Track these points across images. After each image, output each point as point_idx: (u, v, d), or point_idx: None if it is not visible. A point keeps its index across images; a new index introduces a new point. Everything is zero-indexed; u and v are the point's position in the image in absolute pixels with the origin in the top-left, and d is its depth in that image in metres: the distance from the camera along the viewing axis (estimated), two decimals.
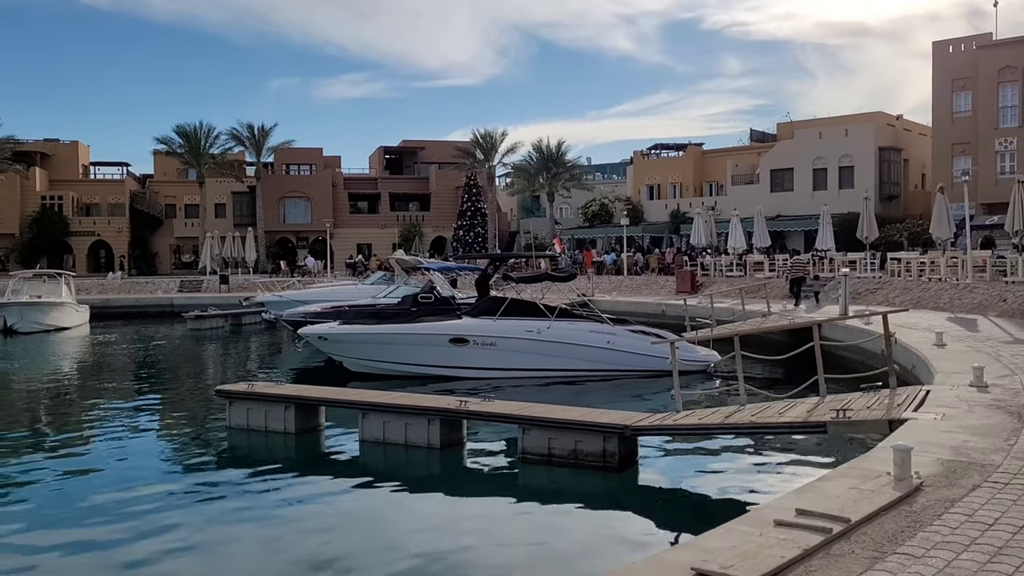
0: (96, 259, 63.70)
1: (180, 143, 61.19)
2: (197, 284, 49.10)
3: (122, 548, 7.82)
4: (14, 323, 32.48)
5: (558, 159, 60.87)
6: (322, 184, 66.60)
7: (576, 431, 10.34)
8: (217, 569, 7.24)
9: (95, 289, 45.88)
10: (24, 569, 7.32)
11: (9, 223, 60.10)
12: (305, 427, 12.46)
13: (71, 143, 67.58)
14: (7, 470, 11.11)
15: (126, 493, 9.67)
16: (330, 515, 9.03)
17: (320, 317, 22.99)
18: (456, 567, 7.39)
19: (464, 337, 18.34)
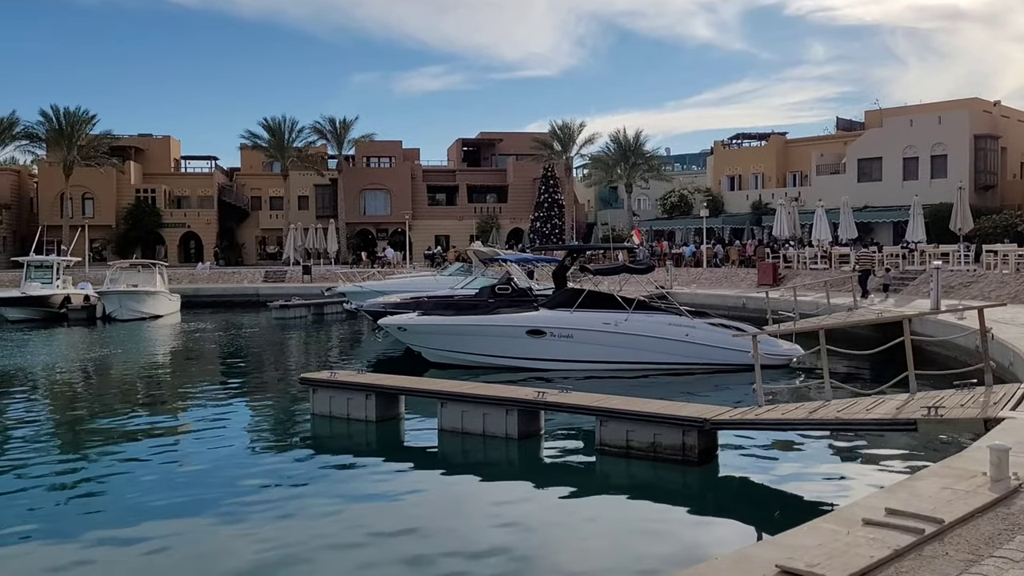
0: (186, 250, 66.10)
1: (265, 137, 62.86)
2: (281, 274, 50.45)
3: (208, 530, 8.11)
4: (113, 311, 34.07)
5: (636, 150, 60.22)
6: (401, 176, 67.53)
7: (655, 424, 10.25)
8: (298, 553, 7.42)
9: (185, 279, 47.62)
10: (116, 548, 7.63)
11: (106, 215, 62.86)
12: (385, 415, 12.68)
13: (163, 138, 70.22)
14: (104, 452, 11.65)
15: (214, 476, 10.04)
16: (408, 503, 9.17)
17: (399, 308, 23.33)
18: (532, 558, 7.41)
19: (541, 329, 18.37)
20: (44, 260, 37.68)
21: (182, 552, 7.61)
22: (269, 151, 64.20)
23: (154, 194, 65.02)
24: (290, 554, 7.35)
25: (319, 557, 7.31)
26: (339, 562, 7.24)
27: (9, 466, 10.85)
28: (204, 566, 7.25)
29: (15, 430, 13.43)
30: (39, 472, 10.50)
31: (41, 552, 7.56)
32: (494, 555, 7.40)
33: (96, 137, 59.90)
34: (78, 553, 7.51)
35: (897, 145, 48.81)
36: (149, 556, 7.46)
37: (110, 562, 7.34)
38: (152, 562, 7.34)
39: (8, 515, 8.66)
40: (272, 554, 7.37)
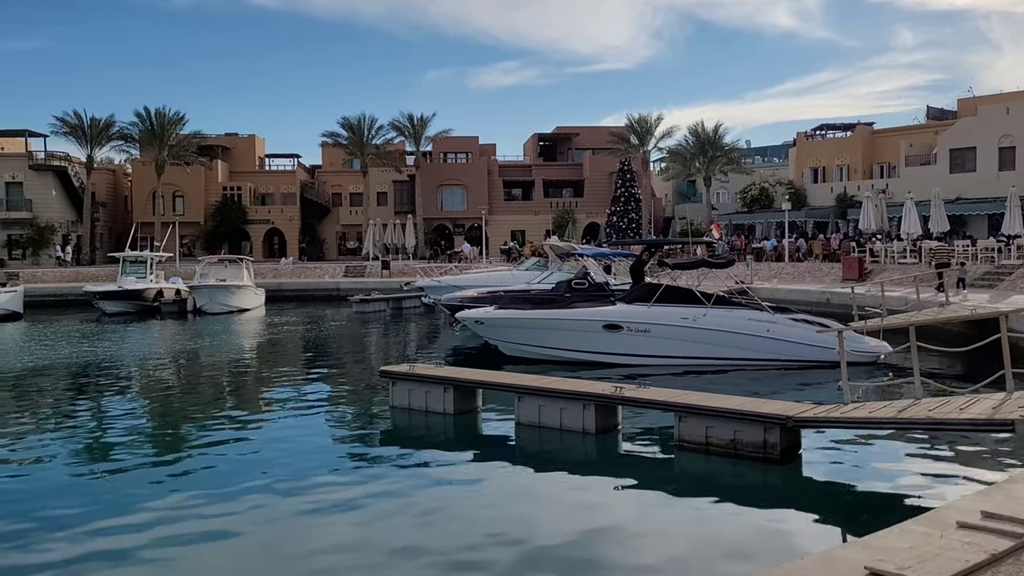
0: (270, 245, 67.99)
1: (345, 135, 64.12)
2: (361, 269, 51.42)
3: (287, 519, 8.28)
4: (203, 304, 35.35)
5: (715, 142, 59.17)
6: (478, 172, 67.96)
7: (735, 420, 10.08)
8: (375, 543, 7.55)
9: (269, 273, 48.99)
10: (194, 533, 7.85)
11: (195, 212, 65.14)
12: (463, 408, 12.81)
13: (248, 137, 72.38)
14: (191, 439, 12.11)
15: (296, 466, 10.25)
16: (486, 495, 9.25)
17: (476, 302, 23.51)
18: (611, 554, 7.38)
19: (618, 323, 18.25)
20: (139, 256, 39.36)
21: (261, 539, 7.80)
22: (349, 148, 65.47)
23: (240, 191, 67.05)
24: (367, 543, 7.49)
25: (396, 548, 7.42)
26: (416, 553, 7.33)
27: (102, 450, 11.38)
28: (283, 554, 7.40)
29: (112, 416, 14.10)
30: (131, 456, 10.98)
31: (123, 534, 7.81)
32: (572, 549, 7.41)
33: (185, 137, 62.11)
34: (155, 535, 7.76)
35: (993, 134, 46.69)
36: (229, 541, 7.68)
37: (187, 547, 7.52)
38: (230, 548, 7.54)
39: (95, 495, 9.12)
40: (350, 543, 7.53)
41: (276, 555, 7.40)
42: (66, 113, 59.59)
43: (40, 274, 48.70)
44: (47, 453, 11.28)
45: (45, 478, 9.98)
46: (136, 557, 7.25)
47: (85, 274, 48.69)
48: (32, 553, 7.32)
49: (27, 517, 8.29)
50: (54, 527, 8.02)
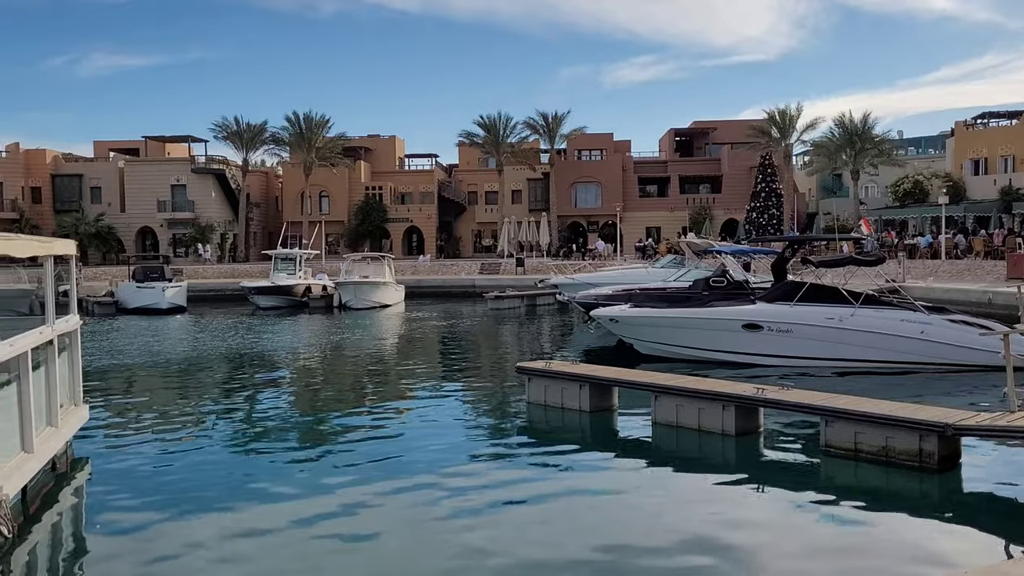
0: (409, 243, 70.06)
1: (481, 134, 65.21)
2: (496, 266, 52.14)
3: (423, 511, 8.40)
4: (348, 300, 36.93)
5: (864, 134, 56.27)
6: (612, 169, 67.54)
7: (887, 426, 9.57)
8: (509, 540, 7.60)
9: (408, 270, 50.48)
10: (336, 522, 8.09)
11: (339, 211, 67.99)
12: (599, 406, 12.78)
13: (389, 138, 74.89)
14: (333, 428, 12.65)
15: (433, 457, 10.46)
16: (622, 495, 9.17)
17: (611, 299, 23.37)
18: (753, 560, 7.16)
19: (758, 323, 17.70)
20: (289, 253, 41.53)
21: (395, 531, 7.89)
22: (484, 147, 66.54)
23: (381, 191, 69.44)
24: (500, 539, 7.52)
25: (531, 545, 7.42)
26: (551, 551, 7.34)
27: (253, 437, 12.08)
28: (416, 546, 7.48)
29: (263, 404, 14.96)
30: (278, 443, 11.61)
31: (257, 518, 8.17)
32: (711, 555, 7.25)
33: (331, 139, 64.96)
34: (293, 522, 8.04)
35: None
36: (361, 532, 7.83)
37: (322, 538, 7.71)
38: (363, 539, 7.67)
39: (243, 479, 9.65)
40: (483, 538, 7.55)
41: (410, 547, 7.51)
42: (224, 119, 63.60)
43: (201, 270, 52.20)
44: (205, 437, 12.10)
45: (201, 460, 10.66)
46: (271, 545, 7.53)
47: (240, 271, 51.84)
48: (183, 532, 7.83)
49: (182, 496, 8.88)
50: (204, 507, 8.53)
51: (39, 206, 63.40)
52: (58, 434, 9.16)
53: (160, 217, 63.43)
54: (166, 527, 7.90)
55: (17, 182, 62.78)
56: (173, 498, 8.76)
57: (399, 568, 6.95)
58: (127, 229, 63.61)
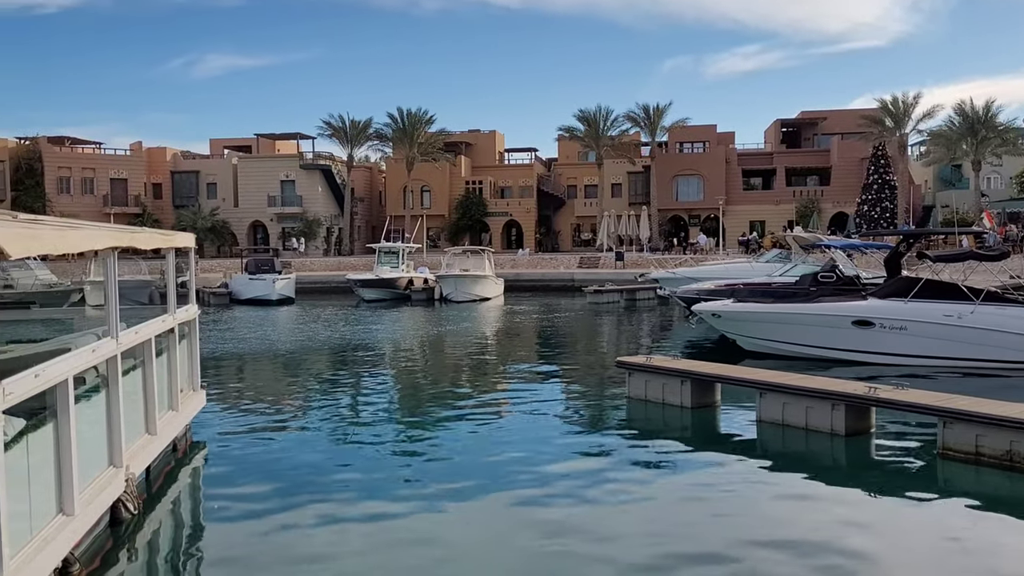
0: (508, 237, 70.52)
1: (581, 128, 64.98)
2: (595, 260, 51.91)
3: (517, 504, 8.35)
4: (449, 293, 37.53)
5: (986, 122, 53.27)
6: (715, 161, 66.18)
7: (1012, 429, 9.03)
8: (605, 536, 7.52)
9: (507, 264, 50.83)
10: (430, 517, 8.12)
11: (440, 206, 69.06)
12: (701, 402, 12.55)
13: (490, 133, 75.54)
14: (431, 419, 12.84)
15: (530, 451, 10.40)
16: (725, 492, 8.96)
17: (713, 294, 22.91)
18: (862, 568, 6.88)
19: (869, 320, 17.01)
20: (392, 247, 42.51)
21: (491, 527, 7.86)
22: (584, 141, 66.30)
23: (481, 185, 70.14)
24: (600, 538, 7.42)
25: (630, 545, 7.30)
26: (652, 551, 7.21)
27: (355, 424, 12.40)
28: (511, 544, 7.40)
29: (366, 392, 15.36)
30: (378, 430, 11.88)
31: (356, 506, 8.30)
32: (823, 557, 7.00)
33: (433, 135, 66.04)
34: (382, 512, 8.13)
35: None
36: (454, 522, 7.84)
37: (417, 529, 7.76)
38: (455, 530, 7.68)
39: (334, 464, 9.92)
40: (580, 534, 7.44)
41: (504, 543, 7.44)
42: (331, 116, 65.60)
43: (308, 263, 53.97)
44: (311, 424, 12.50)
45: (307, 447, 10.99)
46: (366, 533, 7.65)
47: (345, 263, 53.35)
48: (289, 516, 8.09)
49: (289, 481, 9.17)
50: (308, 492, 8.76)
51: (159, 201, 66.88)
52: (178, 418, 9.63)
53: (270, 211, 65.90)
54: (274, 510, 8.18)
55: (140, 179, 66.39)
56: (281, 482, 9.07)
57: (494, 564, 6.91)
58: (240, 223, 66.37)
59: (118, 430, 7.22)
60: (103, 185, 64.67)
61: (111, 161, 66.20)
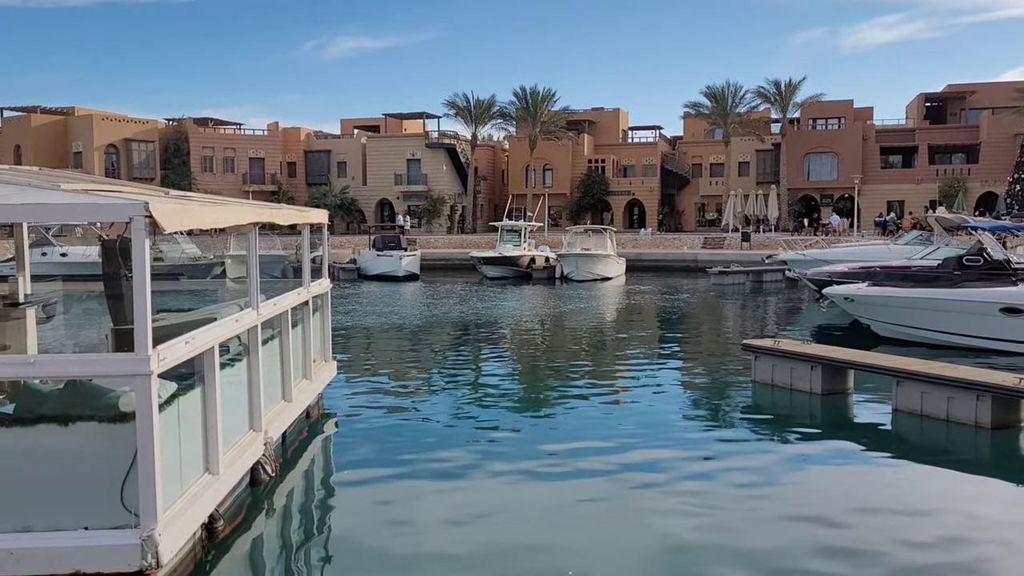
0: (631, 216, 69.76)
1: (707, 105, 63.33)
2: (719, 241, 50.71)
3: (637, 491, 8.22)
4: (570, 272, 37.57)
5: None
6: (851, 138, 63.12)
7: None
8: (730, 525, 7.35)
9: (629, 244, 50.34)
10: (543, 496, 8.15)
11: (562, 184, 69.00)
12: (832, 389, 12.08)
13: (613, 111, 74.73)
14: (554, 396, 12.90)
15: (649, 434, 10.25)
16: (861, 484, 8.60)
17: (846, 277, 21.95)
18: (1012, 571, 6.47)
19: (1020, 307, 15.88)
20: (514, 225, 42.86)
21: (607, 511, 7.76)
22: (711, 118, 64.63)
23: (603, 164, 69.58)
24: (721, 528, 7.23)
25: (754, 536, 7.08)
26: (776, 543, 6.99)
27: (475, 399, 12.61)
28: (627, 530, 7.23)
29: (486, 368, 15.58)
30: (497, 406, 12.03)
31: (472, 481, 8.43)
32: (965, 555, 6.63)
33: (556, 113, 65.95)
34: (497, 489, 8.24)
35: None
36: (572, 510, 7.72)
37: (528, 507, 7.81)
38: (573, 517, 7.57)
39: (455, 437, 10.09)
40: (699, 526, 7.26)
41: (619, 528, 7.33)
42: (455, 95, 66.44)
43: (432, 240, 55.17)
44: (434, 396, 12.83)
45: (429, 419, 11.26)
46: (482, 508, 7.77)
47: (468, 241, 54.22)
48: (412, 486, 8.31)
49: (412, 451, 9.42)
50: (429, 463, 9.00)
51: (293, 179, 69.77)
52: (311, 387, 10.07)
53: (397, 190, 67.63)
54: (397, 479, 8.43)
55: (276, 158, 69.44)
56: (404, 453, 9.33)
57: (609, 551, 6.82)
58: (368, 201, 68.46)
59: (258, 396, 7.61)
60: (243, 164, 68.00)
61: (250, 141, 69.48)
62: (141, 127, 66.57)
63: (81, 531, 5.17)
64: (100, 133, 63.76)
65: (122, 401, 5.44)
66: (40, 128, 63.62)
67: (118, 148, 64.83)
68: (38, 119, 64.14)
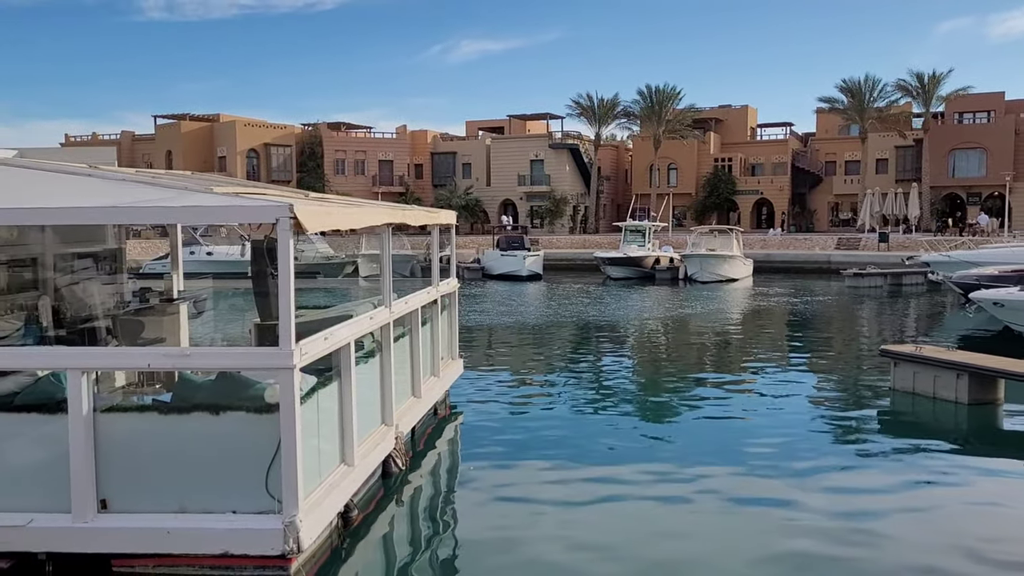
0: (758, 215, 67.75)
1: (842, 100, 60.74)
2: (855, 242, 48.58)
3: (763, 505, 7.87)
4: (694, 273, 36.90)
5: None
6: (1001, 132, 59.05)
7: None
8: (865, 543, 7.01)
9: (757, 244, 48.90)
10: (658, 503, 7.95)
11: (687, 184, 67.77)
12: (980, 399, 11.36)
13: (741, 107, 72.77)
14: (676, 401, 12.68)
15: (778, 444, 9.81)
16: (1006, 503, 8.05)
17: (996, 281, 20.60)
18: None
19: None
20: (638, 225, 42.48)
21: (729, 520, 7.53)
22: (846, 113, 61.95)
23: (730, 162, 67.89)
24: (854, 542, 6.92)
25: (888, 554, 6.71)
26: (914, 561, 6.63)
27: (595, 400, 12.55)
28: (753, 540, 7.00)
29: (607, 370, 15.49)
30: (616, 408, 11.94)
31: (589, 485, 8.33)
32: None
33: (681, 111, 64.83)
34: (618, 492, 8.09)
35: None
36: (694, 513, 7.61)
37: (648, 511, 7.69)
38: (694, 522, 7.41)
39: (575, 437, 10.06)
40: (832, 541, 6.90)
41: (746, 538, 7.06)
42: (579, 95, 66.36)
43: (555, 240, 55.35)
44: (555, 396, 12.84)
45: (551, 418, 11.30)
46: (597, 509, 7.72)
47: (591, 241, 54.09)
48: (536, 484, 8.36)
49: (535, 450, 9.49)
50: (551, 462, 9.02)
51: (420, 181, 71.54)
52: (439, 383, 10.31)
53: (520, 190, 68.22)
54: (521, 478, 8.52)
55: (404, 160, 71.40)
56: (528, 452, 9.43)
57: (732, 564, 6.53)
58: (491, 201, 69.36)
59: (389, 391, 7.87)
60: (372, 166, 70.28)
61: (379, 144, 71.73)
62: (279, 132, 69.90)
63: (229, 514, 5.49)
64: (242, 138, 67.38)
65: (267, 393, 5.74)
66: (189, 134, 67.86)
67: (258, 152, 68.31)
68: (187, 126, 68.43)
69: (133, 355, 6.30)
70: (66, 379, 5.43)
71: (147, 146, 70.25)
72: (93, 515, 5.43)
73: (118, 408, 5.82)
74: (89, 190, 6.11)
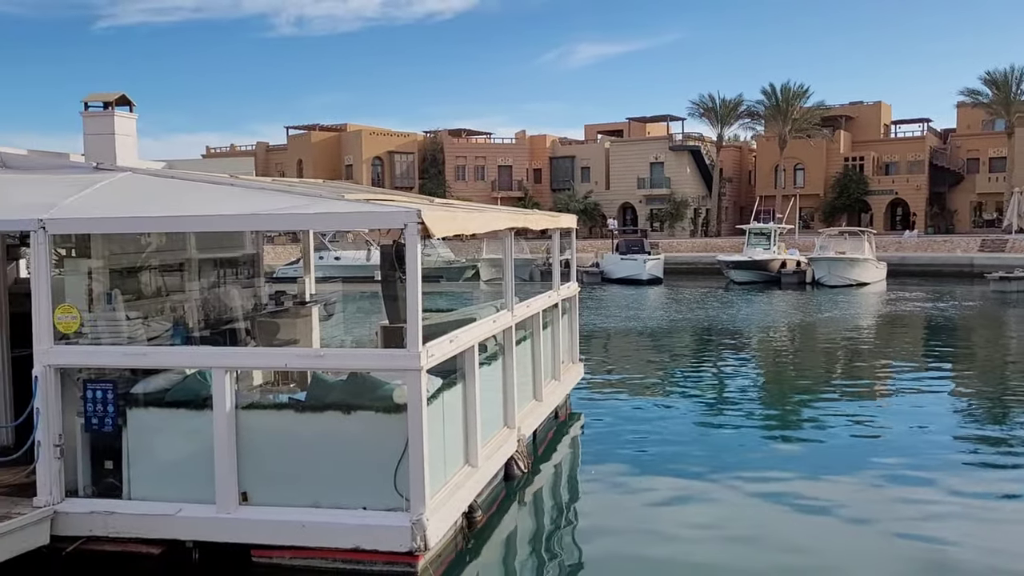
0: (893, 216, 64.57)
1: (987, 93, 57.16)
2: (1001, 243, 45.61)
3: (898, 518, 7.49)
4: (821, 276, 35.56)
5: None
6: None
7: None
8: (995, 551, 6.53)
9: (891, 247, 46.62)
10: (796, 515, 7.60)
11: (815, 184, 65.32)
12: None
13: (873, 104, 69.56)
14: (801, 410, 12.18)
15: (914, 460, 9.20)
16: None
17: None
18: None
19: None
20: (763, 228, 41.26)
21: (857, 537, 7.16)
22: (991, 107, 58.25)
23: (862, 161, 65.02)
24: (995, 569, 6.45)
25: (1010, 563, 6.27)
26: None
27: (716, 406, 12.25)
28: (883, 561, 6.59)
29: (730, 376, 15.11)
30: (740, 416, 11.60)
31: (709, 494, 8.08)
32: None
33: (808, 110, 62.58)
34: (740, 502, 7.87)
35: None
36: (816, 523, 7.33)
37: (770, 522, 7.42)
38: (817, 530, 7.17)
39: (696, 443, 9.86)
40: (973, 567, 6.44)
41: (875, 557, 6.66)
42: (701, 96, 65.24)
43: (675, 244, 54.49)
44: (676, 402, 12.64)
45: (672, 423, 11.11)
46: (717, 517, 7.48)
47: (713, 244, 52.95)
48: (657, 489, 8.22)
49: (655, 454, 9.35)
50: (671, 467, 8.88)
51: (538, 185, 71.95)
52: (560, 387, 10.33)
53: (639, 193, 67.54)
54: (641, 484, 8.42)
55: (523, 165, 72.01)
56: (648, 458, 9.34)
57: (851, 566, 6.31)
58: (610, 205, 68.97)
59: (512, 394, 7.94)
60: (492, 171, 71.21)
61: (499, 149, 72.60)
62: (402, 140, 71.88)
63: (360, 510, 5.67)
64: (368, 147, 69.69)
65: (395, 393, 5.90)
66: (318, 144, 70.76)
67: (382, 160, 70.46)
68: (316, 136, 71.37)
69: (272, 355, 6.62)
70: (211, 377, 5.75)
71: (280, 156, 73.69)
72: (235, 506, 5.73)
73: (258, 405, 6.12)
74: (232, 198, 6.47)
